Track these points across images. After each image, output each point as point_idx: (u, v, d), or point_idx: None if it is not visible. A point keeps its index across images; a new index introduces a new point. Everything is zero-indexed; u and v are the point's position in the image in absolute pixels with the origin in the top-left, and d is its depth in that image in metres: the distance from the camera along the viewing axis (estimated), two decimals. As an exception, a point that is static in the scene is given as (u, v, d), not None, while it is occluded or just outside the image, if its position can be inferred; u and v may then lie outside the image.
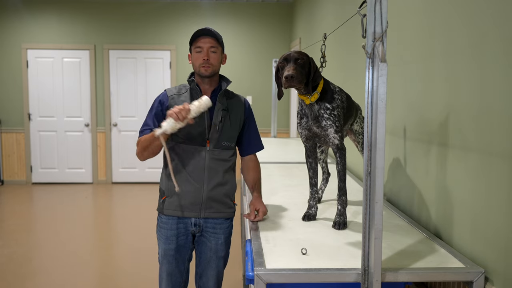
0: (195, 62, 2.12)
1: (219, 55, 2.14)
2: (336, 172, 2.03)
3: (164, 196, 2.18)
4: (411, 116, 2.25)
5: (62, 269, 3.96)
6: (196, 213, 2.16)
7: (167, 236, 2.19)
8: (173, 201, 2.16)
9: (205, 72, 2.11)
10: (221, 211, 2.19)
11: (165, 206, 2.18)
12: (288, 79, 1.85)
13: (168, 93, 2.18)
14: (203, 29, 2.12)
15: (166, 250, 2.21)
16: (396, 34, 2.38)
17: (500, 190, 1.50)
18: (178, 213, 2.16)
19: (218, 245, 2.22)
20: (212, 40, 2.11)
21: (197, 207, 2.15)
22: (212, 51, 2.11)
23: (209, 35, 2.11)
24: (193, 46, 2.13)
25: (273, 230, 1.93)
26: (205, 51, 2.09)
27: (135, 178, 7.59)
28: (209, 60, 2.09)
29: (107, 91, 7.46)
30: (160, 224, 2.22)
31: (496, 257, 1.52)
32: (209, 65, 2.10)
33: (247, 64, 7.59)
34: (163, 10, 7.42)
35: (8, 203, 6.43)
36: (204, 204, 2.15)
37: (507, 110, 1.46)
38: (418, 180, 2.17)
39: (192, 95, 2.15)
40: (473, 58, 1.66)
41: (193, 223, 2.18)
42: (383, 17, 1.35)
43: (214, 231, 2.20)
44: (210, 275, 2.25)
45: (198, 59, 2.11)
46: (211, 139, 2.13)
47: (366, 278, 1.44)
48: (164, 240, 2.20)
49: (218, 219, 2.20)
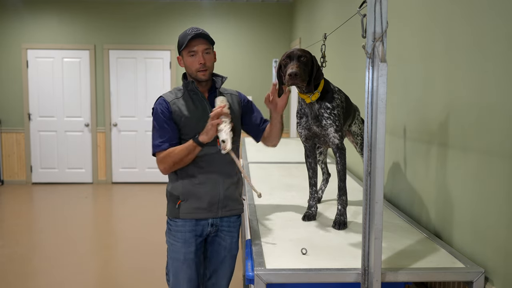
0: (191, 66, 2.06)
1: (212, 55, 2.10)
2: (336, 172, 2.03)
3: (180, 201, 2.12)
4: (411, 116, 2.25)
5: (62, 269, 3.96)
6: (214, 213, 2.13)
7: (186, 239, 2.12)
8: (190, 204, 2.11)
9: (204, 77, 2.07)
10: (235, 208, 2.18)
11: (182, 210, 2.11)
12: (292, 77, 1.84)
13: (168, 99, 2.10)
14: (192, 32, 2.03)
15: (186, 254, 2.12)
16: (396, 34, 2.38)
17: (500, 190, 1.50)
18: (198, 215, 2.11)
19: (232, 243, 2.21)
20: (205, 41, 2.06)
21: (215, 207, 2.13)
22: (206, 52, 2.07)
23: (201, 37, 2.05)
24: (184, 50, 2.06)
25: (273, 230, 1.93)
26: (200, 54, 2.04)
27: (135, 178, 7.59)
28: (205, 63, 2.05)
29: (107, 91, 7.46)
30: (175, 228, 2.14)
31: (496, 257, 1.51)
32: (206, 68, 2.06)
33: (247, 64, 7.58)
34: (163, 10, 7.42)
35: (8, 203, 6.43)
36: (221, 203, 2.14)
37: (507, 110, 1.45)
38: (418, 180, 2.17)
39: (191, 96, 2.12)
40: (473, 57, 1.66)
41: (210, 223, 2.15)
42: (383, 17, 1.35)
43: (229, 229, 2.19)
44: (223, 274, 2.22)
45: (193, 63, 2.05)
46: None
47: (366, 278, 1.44)
48: (183, 244, 2.12)
49: (232, 217, 2.19)
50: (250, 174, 3.20)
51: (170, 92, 2.16)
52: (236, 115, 2.16)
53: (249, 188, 2.71)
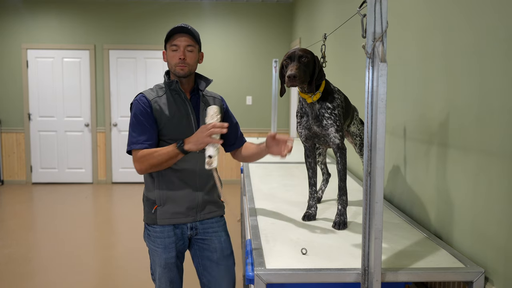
0: (171, 61, 2.03)
1: (195, 53, 2.05)
2: (336, 172, 2.03)
3: (156, 206, 2.08)
4: (411, 116, 2.25)
5: (62, 269, 3.96)
6: (192, 217, 2.11)
7: (166, 245, 2.09)
8: (167, 209, 2.07)
9: (181, 72, 2.02)
10: (214, 210, 2.17)
11: (159, 216, 2.07)
12: (291, 79, 1.83)
13: (149, 97, 2.04)
14: (179, 26, 2.01)
15: (167, 259, 2.10)
16: (396, 34, 2.38)
17: (500, 190, 1.50)
18: (176, 220, 2.08)
19: (222, 242, 2.18)
20: (189, 38, 2.02)
21: (193, 211, 2.11)
22: (189, 50, 2.02)
23: (186, 32, 2.01)
24: (168, 43, 2.03)
25: (273, 230, 1.93)
26: (181, 49, 2.00)
27: (135, 178, 7.59)
28: (185, 59, 2.01)
29: (107, 91, 7.46)
30: (154, 234, 2.10)
31: (496, 257, 1.51)
32: (185, 64, 2.01)
33: (247, 64, 7.58)
34: (163, 10, 7.42)
35: (8, 203, 6.43)
36: (200, 207, 2.12)
37: (507, 110, 1.45)
38: (418, 180, 2.17)
39: (173, 96, 2.07)
40: (473, 58, 1.66)
41: (189, 227, 2.13)
42: (383, 17, 1.35)
43: (214, 230, 2.17)
44: (221, 277, 2.16)
45: (173, 57, 2.02)
46: None
47: (366, 278, 1.44)
48: (163, 250, 2.09)
49: (214, 218, 2.18)
50: (250, 174, 3.20)
51: (151, 90, 2.09)
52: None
53: (250, 189, 2.71)
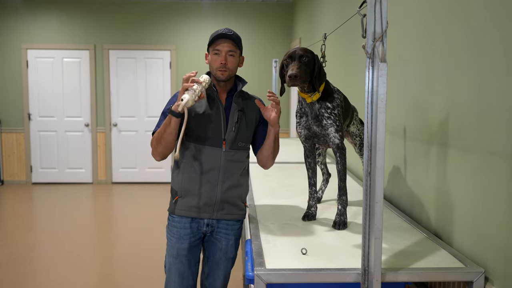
0: (213, 64, 2.10)
1: (236, 58, 2.11)
2: (336, 172, 2.03)
3: (177, 197, 2.15)
4: (411, 116, 2.25)
5: (62, 269, 3.96)
6: (209, 214, 2.14)
7: (180, 235, 2.15)
8: (186, 202, 2.13)
9: (222, 76, 2.09)
10: (233, 213, 2.18)
11: (177, 207, 2.15)
12: (292, 78, 1.84)
13: None
14: (223, 32, 2.08)
15: (179, 249, 2.16)
16: (396, 34, 2.38)
17: (500, 190, 1.50)
18: (191, 214, 2.14)
19: (228, 246, 2.21)
20: (231, 43, 2.08)
21: (210, 208, 2.13)
22: (230, 54, 2.08)
23: (229, 38, 2.08)
24: (211, 47, 2.10)
25: (273, 230, 1.93)
26: (223, 55, 2.06)
27: (135, 178, 7.59)
28: (226, 64, 2.07)
29: (107, 91, 7.45)
30: (172, 223, 2.18)
31: (496, 257, 1.51)
32: (226, 69, 2.07)
33: (247, 64, 7.52)
34: (163, 10, 7.42)
35: (8, 203, 6.43)
36: (218, 206, 2.14)
37: (507, 109, 1.45)
38: (418, 180, 2.17)
39: (208, 94, 2.11)
40: (473, 58, 1.66)
41: (206, 223, 2.16)
42: (383, 17, 1.35)
43: (226, 232, 2.19)
44: (217, 275, 2.24)
45: (215, 62, 2.08)
46: (227, 140, 2.10)
47: (366, 278, 1.44)
48: (177, 239, 2.16)
49: (230, 220, 2.19)
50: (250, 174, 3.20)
51: None
52: (252, 121, 2.17)
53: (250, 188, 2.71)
